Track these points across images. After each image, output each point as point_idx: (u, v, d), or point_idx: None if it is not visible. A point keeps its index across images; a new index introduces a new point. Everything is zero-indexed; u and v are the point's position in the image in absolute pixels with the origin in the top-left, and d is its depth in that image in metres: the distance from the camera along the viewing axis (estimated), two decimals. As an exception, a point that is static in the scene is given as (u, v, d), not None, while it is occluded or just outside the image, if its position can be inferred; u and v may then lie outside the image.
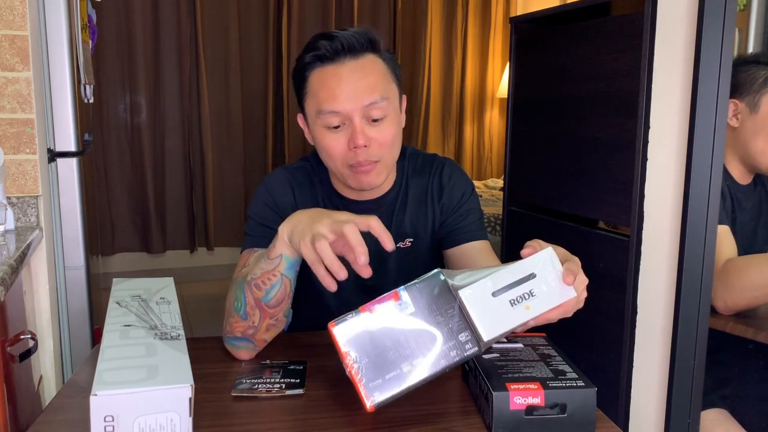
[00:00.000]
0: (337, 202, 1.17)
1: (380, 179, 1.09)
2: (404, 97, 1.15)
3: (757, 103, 1.45)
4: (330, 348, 1.06)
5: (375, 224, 0.83)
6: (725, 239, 1.39)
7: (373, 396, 0.74)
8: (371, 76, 1.05)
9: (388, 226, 1.17)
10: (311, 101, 1.08)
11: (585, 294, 0.80)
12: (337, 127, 1.05)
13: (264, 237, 1.09)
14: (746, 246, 1.53)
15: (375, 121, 1.05)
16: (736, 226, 1.47)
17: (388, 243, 0.83)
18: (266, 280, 0.93)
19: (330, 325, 0.76)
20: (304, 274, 0.98)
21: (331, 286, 0.83)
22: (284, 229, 0.90)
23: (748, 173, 1.55)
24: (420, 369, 0.74)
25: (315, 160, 1.19)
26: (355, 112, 1.03)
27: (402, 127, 1.13)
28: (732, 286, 1.29)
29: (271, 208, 1.14)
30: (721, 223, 1.40)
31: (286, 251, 0.91)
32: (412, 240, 1.18)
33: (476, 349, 0.74)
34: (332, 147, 1.06)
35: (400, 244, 1.17)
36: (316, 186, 1.18)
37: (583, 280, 0.79)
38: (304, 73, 1.08)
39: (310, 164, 1.20)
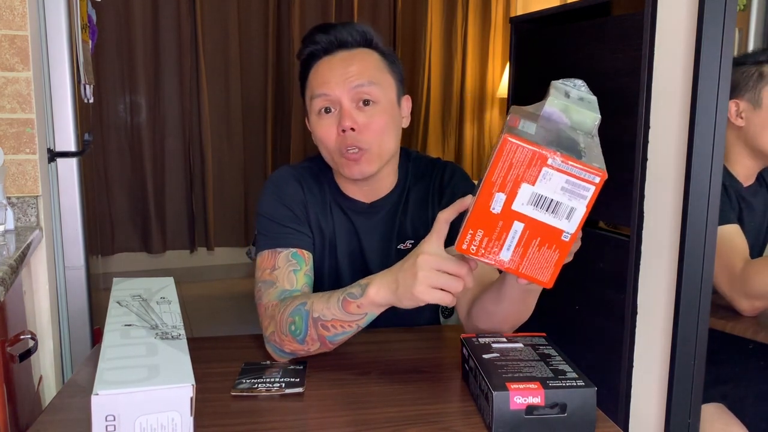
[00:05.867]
0: (342, 203, 1.17)
1: (370, 169, 1.08)
2: (407, 97, 1.16)
3: (759, 98, 1.48)
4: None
5: (450, 266, 0.84)
6: (737, 239, 1.41)
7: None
8: (361, 63, 1.08)
9: (391, 227, 1.17)
10: (308, 93, 1.12)
11: None
12: (328, 112, 1.08)
13: (281, 236, 1.10)
14: (758, 245, 1.55)
15: (366, 105, 1.07)
16: (745, 226, 1.48)
17: (467, 277, 0.84)
18: (338, 326, 0.94)
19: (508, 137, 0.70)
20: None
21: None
22: (377, 295, 0.89)
23: (755, 171, 1.56)
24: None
25: (321, 159, 1.19)
26: (344, 95, 1.06)
27: (403, 126, 1.14)
28: (757, 290, 1.34)
29: (282, 204, 1.13)
30: (730, 222, 1.41)
31: (374, 311, 0.92)
32: (412, 242, 1.18)
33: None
34: (323, 132, 1.08)
35: (401, 246, 1.17)
36: (324, 187, 1.18)
37: None
38: (306, 71, 1.12)
39: (316, 163, 1.20)
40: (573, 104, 0.78)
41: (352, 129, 1.05)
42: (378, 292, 0.89)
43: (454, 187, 1.18)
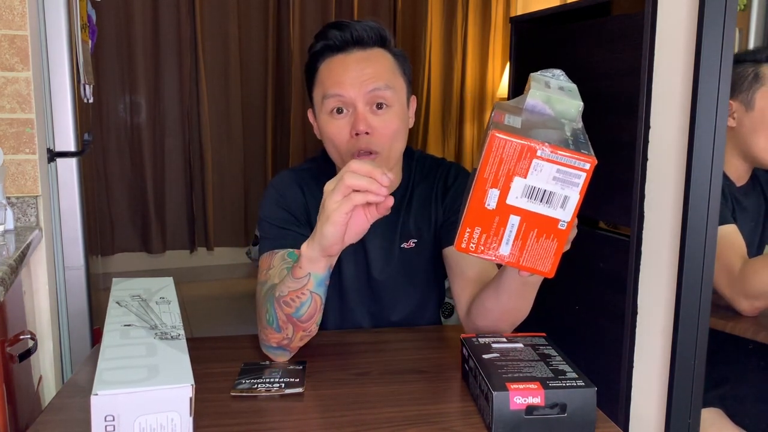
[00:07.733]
0: None
1: None
2: (413, 97, 1.17)
3: (752, 101, 1.47)
4: (329, 348, 1.06)
5: (358, 167, 0.83)
6: (736, 239, 1.40)
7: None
8: (377, 65, 1.07)
9: (394, 225, 1.17)
10: (318, 89, 1.10)
11: None
12: (340, 112, 1.07)
13: (280, 238, 1.10)
14: (753, 245, 1.55)
15: (379, 108, 1.06)
16: (738, 226, 1.48)
17: (380, 176, 0.82)
18: (295, 298, 0.93)
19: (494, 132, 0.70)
20: None
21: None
22: (306, 248, 0.90)
23: (747, 172, 1.55)
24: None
25: (323, 159, 1.19)
26: (359, 98, 1.05)
27: (409, 126, 1.14)
28: (756, 289, 1.33)
29: (282, 207, 1.14)
30: (727, 222, 1.41)
31: (313, 268, 0.91)
32: (416, 241, 1.18)
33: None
34: (335, 134, 1.07)
35: (404, 245, 1.17)
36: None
37: None
38: (314, 65, 1.11)
39: (317, 164, 1.21)
40: (554, 94, 0.79)
41: (366, 133, 1.05)
42: (306, 244, 0.90)
43: (458, 187, 1.19)
